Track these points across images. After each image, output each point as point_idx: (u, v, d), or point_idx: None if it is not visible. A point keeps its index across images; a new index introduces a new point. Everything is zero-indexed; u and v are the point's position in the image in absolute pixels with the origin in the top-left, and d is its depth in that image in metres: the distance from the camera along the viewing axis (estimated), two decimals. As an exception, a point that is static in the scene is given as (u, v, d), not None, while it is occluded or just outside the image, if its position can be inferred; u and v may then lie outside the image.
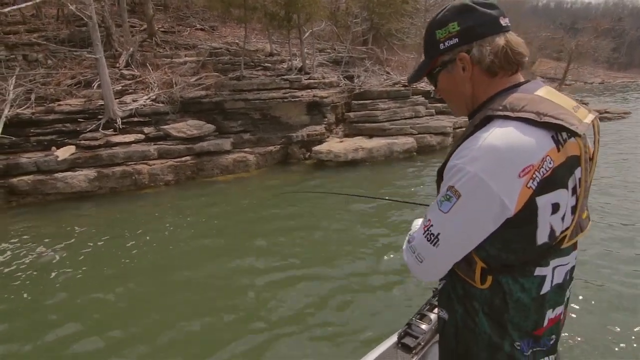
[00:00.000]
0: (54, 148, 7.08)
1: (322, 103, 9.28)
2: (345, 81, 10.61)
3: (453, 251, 0.81)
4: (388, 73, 11.92)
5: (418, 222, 1.00)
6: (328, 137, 9.24)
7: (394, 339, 1.50)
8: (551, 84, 22.15)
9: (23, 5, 7.60)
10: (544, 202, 0.75)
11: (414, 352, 1.43)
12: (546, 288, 0.83)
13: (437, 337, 1.47)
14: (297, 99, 9.01)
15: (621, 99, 22.67)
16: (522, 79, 0.86)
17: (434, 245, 0.80)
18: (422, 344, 1.45)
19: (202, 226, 5.25)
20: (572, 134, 0.76)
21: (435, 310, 1.56)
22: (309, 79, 9.69)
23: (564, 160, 0.77)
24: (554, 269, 0.82)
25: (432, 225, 0.81)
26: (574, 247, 0.86)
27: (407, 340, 1.45)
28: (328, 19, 12.62)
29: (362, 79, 10.76)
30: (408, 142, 8.51)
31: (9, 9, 7.38)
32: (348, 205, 5.57)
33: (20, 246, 4.70)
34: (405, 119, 9.33)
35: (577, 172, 0.81)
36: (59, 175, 6.54)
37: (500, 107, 0.78)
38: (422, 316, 1.56)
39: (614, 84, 40.41)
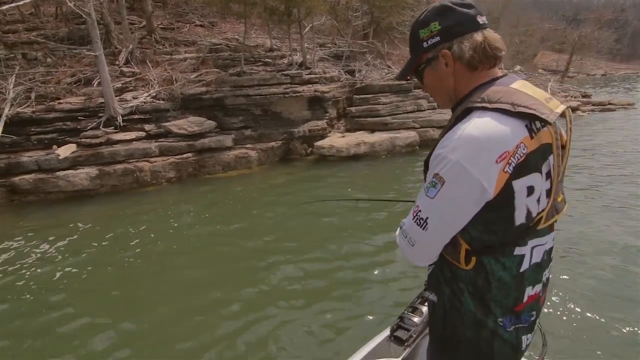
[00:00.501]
0: (55, 146, 7.05)
1: (324, 98, 9.21)
2: (346, 76, 10.52)
3: (441, 233, 0.88)
4: (389, 67, 11.82)
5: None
6: (330, 132, 9.18)
7: (386, 332, 1.53)
8: (553, 76, 21.97)
9: (21, 2, 7.54)
10: (519, 185, 0.82)
11: (406, 344, 1.46)
12: (525, 266, 0.89)
13: (428, 329, 1.53)
14: (298, 94, 8.94)
15: (625, 90, 22.45)
16: (499, 74, 0.93)
17: (423, 229, 0.87)
18: (414, 336, 1.48)
19: (206, 223, 5.23)
20: (544, 122, 0.83)
21: (427, 303, 1.59)
22: (309, 74, 9.62)
23: (537, 146, 0.84)
24: (532, 248, 0.89)
25: (420, 211, 0.88)
26: (550, 228, 0.93)
27: (400, 333, 1.49)
28: (328, 13, 12.51)
29: (363, 73, 10.67)
30: (410, 136, 8.44)
31: (6, 6, 7.31)
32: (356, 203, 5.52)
33: (24, 244, 4.69)
34: (408, 112, 9.26)
35: (551, 159, 0.88)
36: (61, 173, 6.52)
37: (479, 100, 0.85)
38: (414, 309, 1.59)
39: (617, 75, 40.05)
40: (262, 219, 5.27)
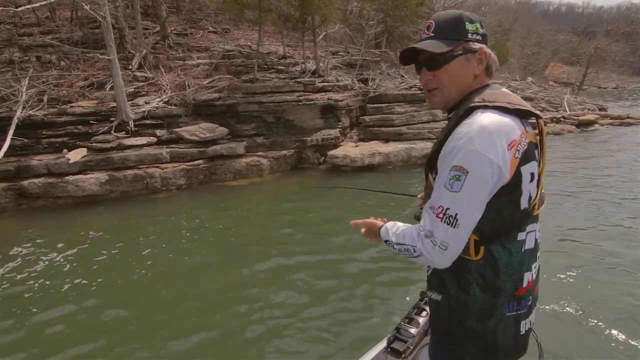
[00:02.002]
0: (65, 150, 6.96)
1: (337, 106, 9.06)
2: (359, 84, 10.39)
3: (471, 225, 0.90)
4: (403, 76, 11.67)
5: (399, 226, 1.05)
6: (342, 141, 9.01)
7: (383, 344, 1.53)
8: (564, 88, 21.66)
9: (37, 4, 7.52)
10: (525, 171, 0.92)
11: (403, 356, 1.46)
12: (523, 250, 0.96)
13: (425, 340, 1.52)
14: (311, 102, 8.80)
15: None
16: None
17: (454, 226, 0.88)
18: (411, 347, 1.47)
19: (218, 234, 5.03)
20: (536, 116, 0.97)
21: (424, 314, 1.62)
22: (323, 81, 9.49)
23: (532, 139, 0.95)
24: (527, 234, 0.97)
25: (448, 208, 0.89)
26: (537, 217, 1.01)
27: (397, 345, 1.48)
28: (341, 22, 12.44)
29: (377, 82, 10.52)
30: (427, 147, 8.22)
31: (22, 7, 7.30)
32: (368, 201, 5.38)
33: (32, 252, 4.53)
34: (423, 123, 9.06)
35: (536, 153, 0.98)
36: (70, 178, 6.41)
37: (479, 100, 0.94)
38: (411, 320, 1.58)
39: (629, 89, 39.51)
40: (273, 229, 5.09)
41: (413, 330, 1.53)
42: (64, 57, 9.34)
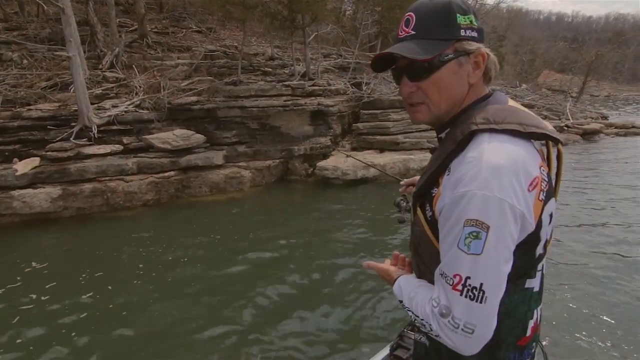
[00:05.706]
0: (16, 160, 6.06)
1: (328, 112, 8.31)
2: (352, 89, 9.67)
3: (499, 293, 0.69)
4: (398, 81, 10.99)
5: (414, 286, 0.83)
6: (333, 150, 8.24)
7: (386, 351, 1.48)
8: (557, 96, 21.31)
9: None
10: (546, 213, 0.74)
11: None
12: (530, 296, 0.80)
13: None
14: (299, 107, 8.03)
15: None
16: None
17: (481, 301, 0.67)
18: None
19: (191, 265, 4.14)
20: (555, 141, 0.78)
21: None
22: (313, 85, 8.74)
23: (548, 169, 0.78)
24: (537, 279, 0.81)
25: (468, 278, 0.67)
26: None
27: (400, 352, 1.43)
28: (334, 23, 11.76)
29: (371, 87, 9.81)
30: (426, 158, 7.50)
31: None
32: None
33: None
34: (421, 131, 8.35)
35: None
36: (16, 193, 5.51)
37: (483, 121, 0.73)
38: (413, 327, 1.48)
39: (621, 97, 39.64)
40: (253, 259, 4.27)
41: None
42: (27, 55, 8.45)
